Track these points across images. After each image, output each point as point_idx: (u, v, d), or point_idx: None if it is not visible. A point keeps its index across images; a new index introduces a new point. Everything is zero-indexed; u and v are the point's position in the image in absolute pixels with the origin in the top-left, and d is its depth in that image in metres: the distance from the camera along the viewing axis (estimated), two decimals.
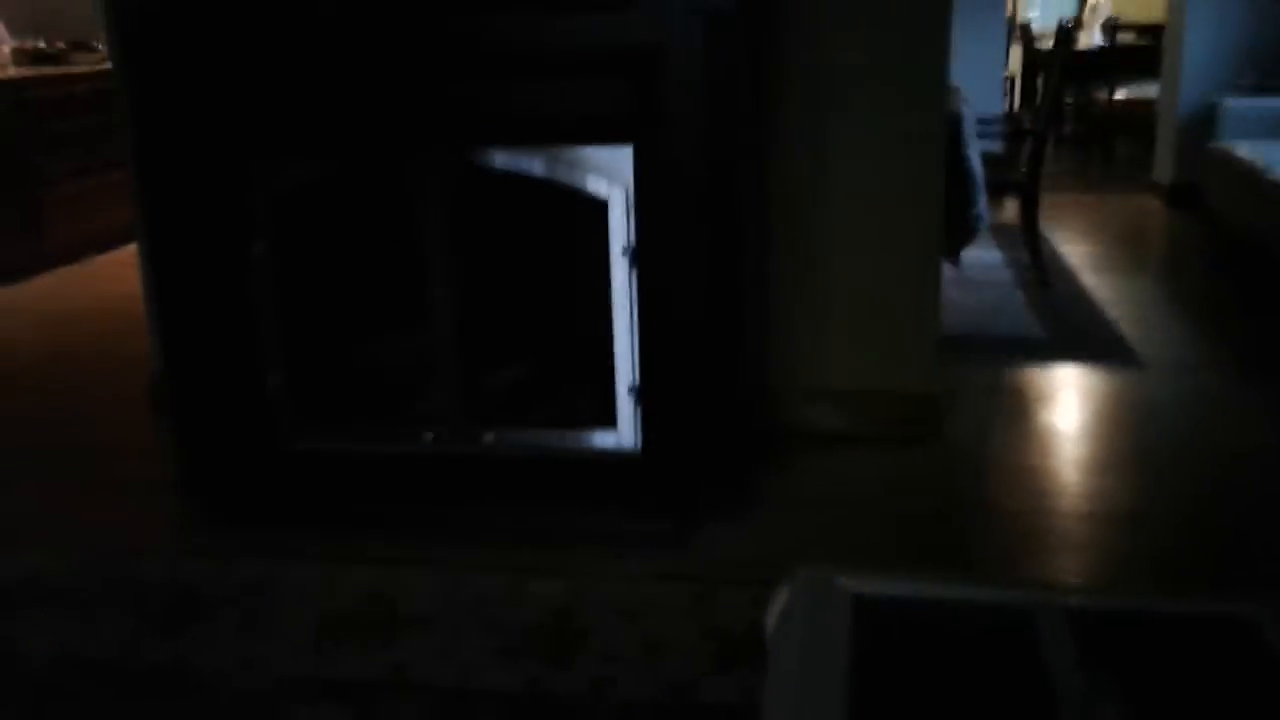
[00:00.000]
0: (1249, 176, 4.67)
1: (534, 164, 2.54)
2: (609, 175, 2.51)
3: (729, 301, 2.56)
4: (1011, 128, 5.10)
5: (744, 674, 2.03)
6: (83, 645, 2.20)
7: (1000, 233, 5.29)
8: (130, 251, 4.72)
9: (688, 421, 2.61)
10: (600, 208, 2.55)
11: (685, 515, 2.63)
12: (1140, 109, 7.00)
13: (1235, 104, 5.23)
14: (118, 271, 5.01)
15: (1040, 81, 6.97)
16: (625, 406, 2.66)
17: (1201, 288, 4.58)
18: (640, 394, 2.63)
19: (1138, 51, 6.99)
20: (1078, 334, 3.99)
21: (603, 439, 2.69)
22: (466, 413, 2.72)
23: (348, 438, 2.78)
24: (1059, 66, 4.41)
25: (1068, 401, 3.43)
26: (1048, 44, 6.26)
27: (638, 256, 2.54)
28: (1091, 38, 8.03)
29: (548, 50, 2.43)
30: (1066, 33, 4.42)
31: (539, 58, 2.44)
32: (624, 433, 2.67)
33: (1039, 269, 4.57)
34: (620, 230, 2.54)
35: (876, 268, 3.06)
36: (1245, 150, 4.85)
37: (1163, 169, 6.06)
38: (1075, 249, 5.13)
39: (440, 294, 2.65)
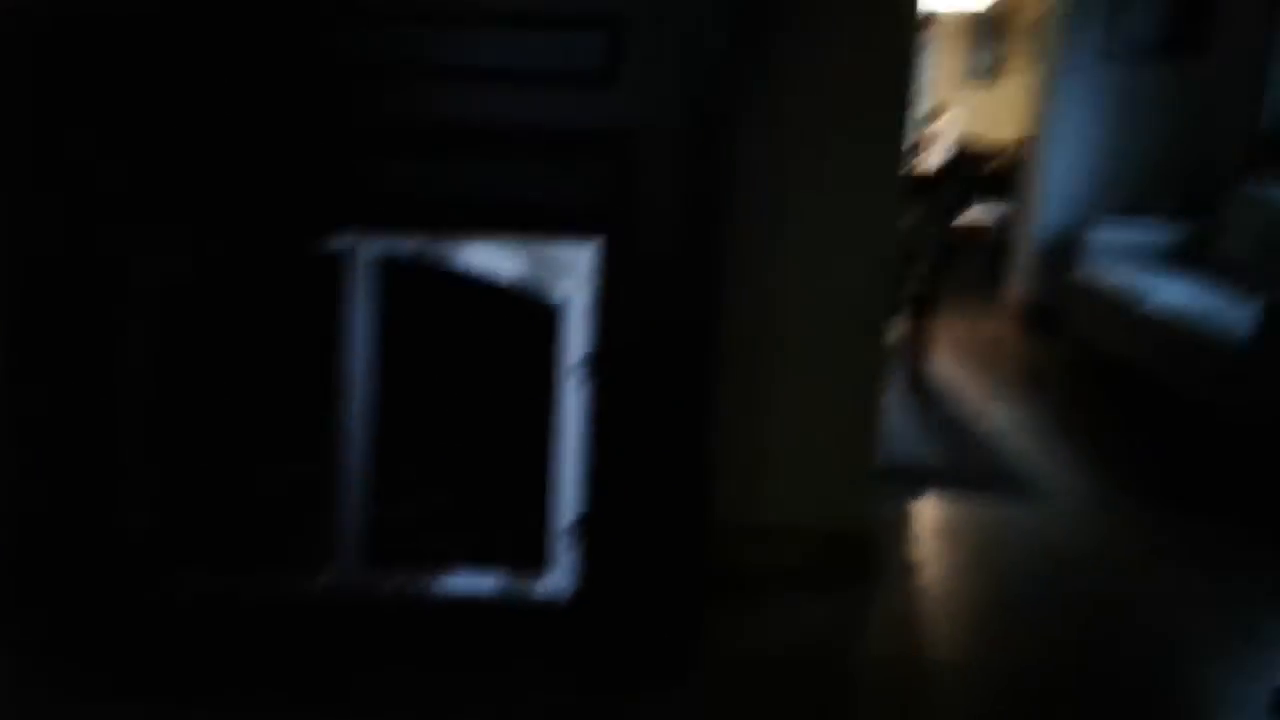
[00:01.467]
0: (1121, 305, 4.74)
1: (473, 257, 2.16)
2: (564, 274, 2.17)
3: (696, 429, 2.23)
4: (905, 247, 5.05)
5: None
6: None
7: None
8: None
9: (639, 566, 2.26)
10: (549, 312, 2.19)
11: (625, 681, 2.25)
12: (981, 232, 7.18)
13: (1099, 232, 5.36)
14: None
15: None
16: (563, 546, 2.27)
17: (1085, 415, 4.56)
18: (583, 532, 2.26)
19: (990, 173, 7.20)
20: (979, 462, 3.86)
21: (535, 583, 2.29)
22: (369, 552, 2.27)
23: (226, 583, 2.26)
24: (954, 186, 4.38)
25: (984, 540, 3.25)
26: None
27: (595, 371, 2.19)
28: (936, 157, 8.27)
29: (503, 127, 2.08)
30: (962, 152, 4.41)
31: (493, 134, 2.08)
32: (561, 575, 2.28)
33: (925, 393, 4.46)
34: (575, 340, 2.19)
35: (818, 395, 2.80)
36: (1117, 278, 4.94)
37: (1018, 291, 6.17)
38: (947, 368, 5.07)
39: (345, 406, 2.21)
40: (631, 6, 2.01)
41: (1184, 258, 5.21)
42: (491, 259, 2.16)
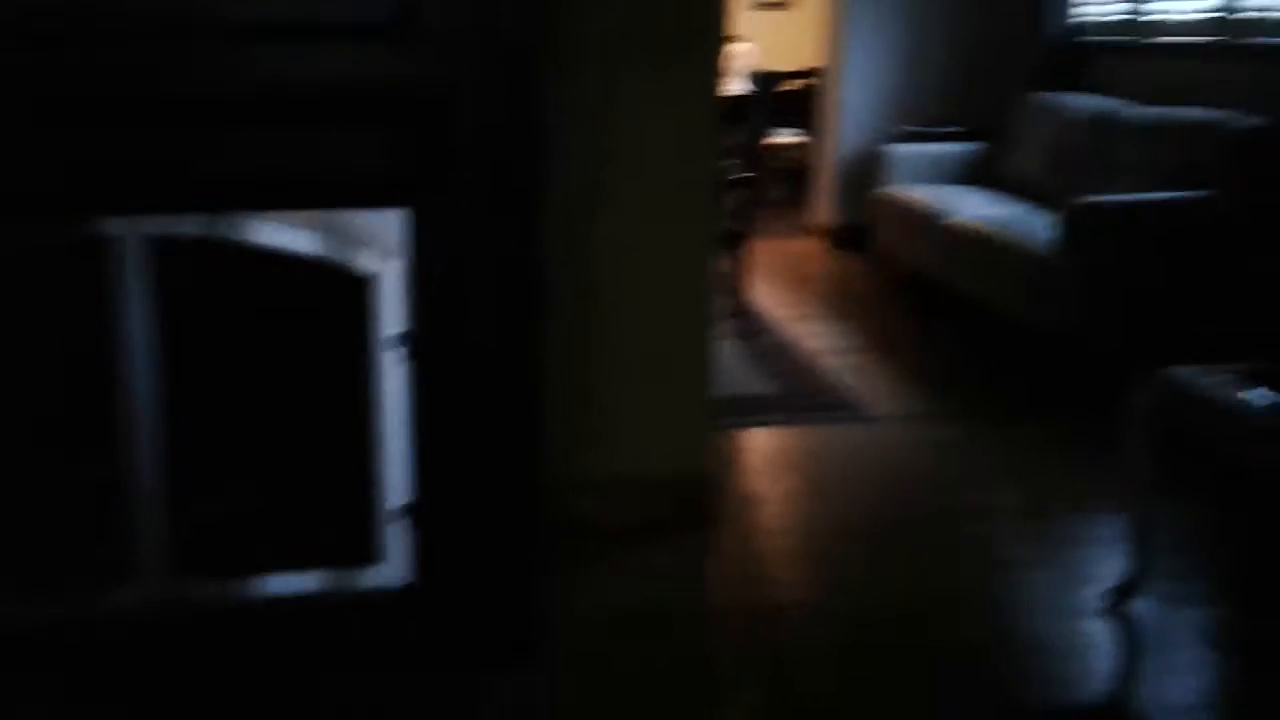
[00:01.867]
0: (925, 222, 4.85)
1: (266, 233, 1.96)
2: (372, 245, 2.00)
3: (525, 399, 2.12)
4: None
5: None
6: None
7: None
8: None
9: (477, 546, 2.14)
10: (358, 288, 2.02)
11: (475, 663, 2.15)
12: (783, 155, 7.26)
13: (899, 151, 5.46)
14: None
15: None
16: (395, 533, 2.14)
17: (901, 331, 4.68)
18: (416, 516, 2.13)
19: (787, 98, 7.24)
20: (806, 388, 3.89)
21: (364, 576, 2.15)
22: (177, 561, 2.07)
23: (11, 607, 2.03)
24: (760, 113, 4.35)
25: (819, 468, 3.29)
26: None
27: (413, 347, 2.04)
28: (735, 85, 8.27)
29: (286, 89, 1.88)
30: (765, 79, 4.38)
31: (277, 97, 1.88)
32: (393, 565, 2.15)
33: (750, 319, 4.47)
34: (389, 315, 2.03)
35: (649, 338, 2.73)
36: (919, 196, 5.05)
37: (823, 212, 6.26)
38: (763, 294, 5.10)
39: (130, 404, 1.99)
40: None
41: (980, 173, 5.38)
42: (287, 235, 1.96)
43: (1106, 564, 2.64)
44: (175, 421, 2.01)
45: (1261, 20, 4.17)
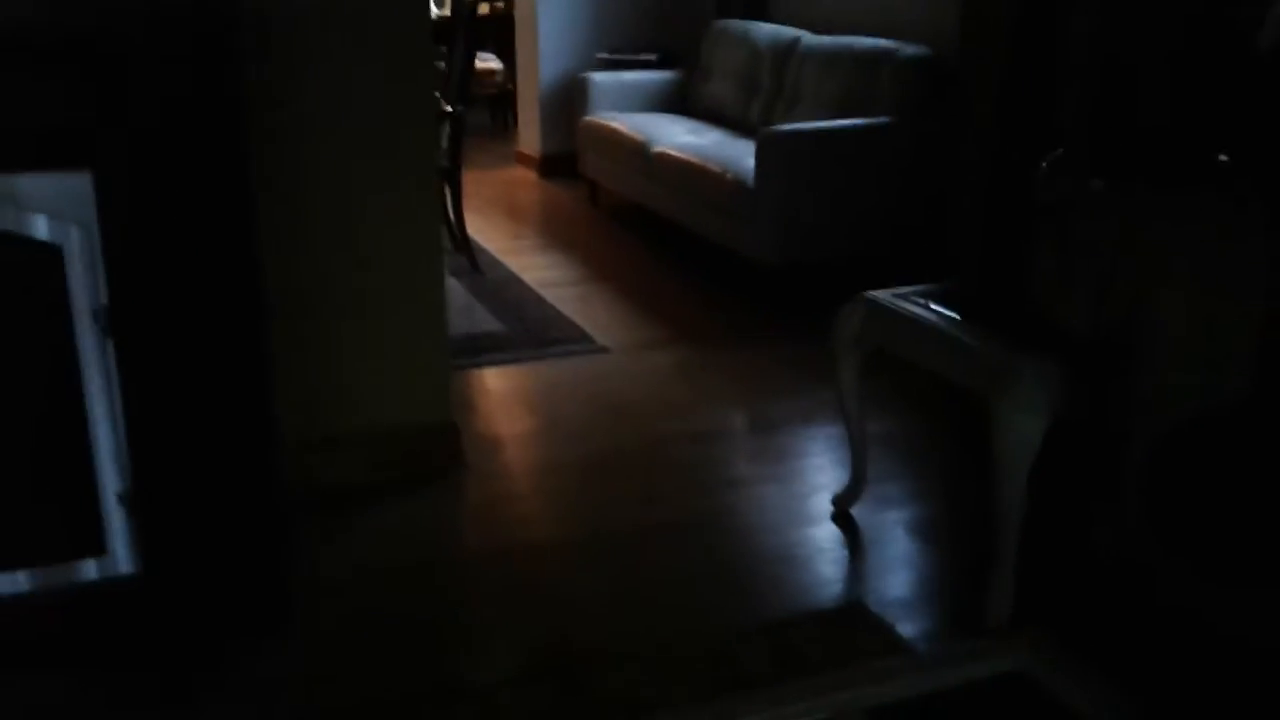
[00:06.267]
0: (634, 150, 4.90)
1: None
2: (54, 213, 1.79)
3: (249, 363, 1.99)
4: None
5: None
6: None
7: None
8: None
9: (211, 523, 2.02)
10: (47, 258, 1.82)
11: (220, 641, 2.04)
12: (485, 79, 7.13)
13: (599, 79, 5.47)
14: None
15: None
16: (116, 520, 1.97)
17: (615, 259, 4.72)
18: (136, 501, 1.97)
19: (482, 22, 7.10)
20: (534, 323, 3.89)
21: (81, 571, 1.98)
22: None
23: None
24: (464, 40, 4.20)
25: (556, 403, 3.31)
26: None
27: (117, 320, 1.87)
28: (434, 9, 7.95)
29: None
30: (470, 4, 4.26)
31: None
32: (117, 555, 1.99)
33: (468, 256, 4.40)
34: (85, 288, 1.84)
35: (376, 283, 2.63)
36: (627, 123, 5.09)
37: (531, 141, 6.22)
38: (478, 227, 5.02)
39: None
40: None
41: (676, 100, 5.50)
42: None
43: (830, 474, 2.83)
44: None
45: None
